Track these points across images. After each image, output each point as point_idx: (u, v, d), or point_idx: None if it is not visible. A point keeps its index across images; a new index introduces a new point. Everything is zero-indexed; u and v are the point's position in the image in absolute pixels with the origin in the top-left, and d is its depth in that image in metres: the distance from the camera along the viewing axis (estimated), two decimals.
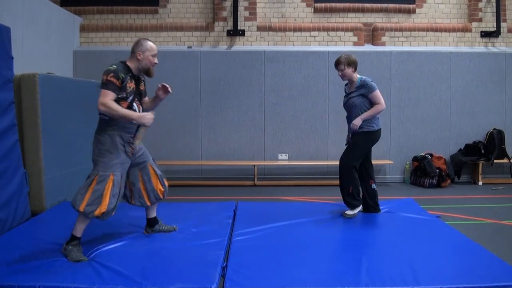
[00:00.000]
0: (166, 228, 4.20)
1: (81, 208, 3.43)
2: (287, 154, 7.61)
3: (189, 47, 7.70)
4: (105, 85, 3.45)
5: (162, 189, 4.03)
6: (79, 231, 3.56)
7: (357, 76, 4.68)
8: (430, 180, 7.15)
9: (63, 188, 5.71)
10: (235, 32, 7.59)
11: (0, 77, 4.54)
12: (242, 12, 7.67)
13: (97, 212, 3.46)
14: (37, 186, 5.21)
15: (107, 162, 3.53)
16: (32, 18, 6.02)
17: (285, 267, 3.34)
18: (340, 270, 3.25)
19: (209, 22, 7.78)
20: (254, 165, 7.33)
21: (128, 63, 3.70)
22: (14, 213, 4.57)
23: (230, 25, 7.66)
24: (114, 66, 3.54)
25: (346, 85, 4.86)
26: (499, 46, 7.84)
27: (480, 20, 7.85)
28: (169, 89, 3.86)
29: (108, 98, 3.43)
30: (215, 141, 7.57)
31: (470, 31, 7.86)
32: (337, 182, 7.34)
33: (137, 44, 3.70)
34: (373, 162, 7.32)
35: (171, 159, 7.51)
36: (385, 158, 7.63)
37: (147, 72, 3.78)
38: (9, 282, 2.99)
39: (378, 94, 4.59)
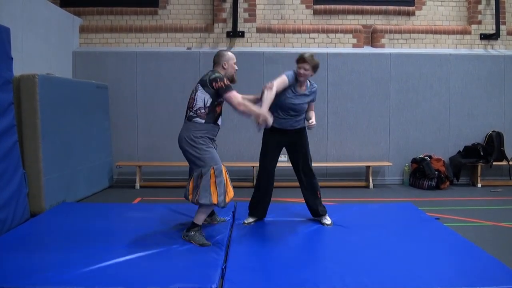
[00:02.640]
0: (219, 219, 4.62)
1: (215, 201, 3.75)
2: (286, 156, 7.57)
3: (189, 48, 7.70)
4: (229, 87, 3.86)
5: None
6: (200, 220, 3.92)
7: None
8: (429, 182, 7.15)
9: (62, 189, 5.71)
10: (235, 34, 7.60)
11: (0, 78, 4.54)
12: (242, 14, 7.67)
13: (227, 199, 3.83)
14: (36, 187, 5.22)
15: (213, 157, 3.87)
16: (32, 19, 6.02)
17: (284, 268, 3.35)
18: (340, 271, 3.25)
19: (208, 24, 7.79)
20: (253, 167, 7.33)
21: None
22: (13, 214, 4.57)
23: (229, 27, 7.66)
24: (219, 73, 3.93)
25: (292, 83, 4.40)
26: (498, 49, 7.86)
27: (480, 22, 7.86)
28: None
29: (239, 96, 3.88)
30: None
31: (470, 33, 7.87)
32: (337, 183, 7.45)
33: (220, 55, 4.06)
34: (372, 163, 7.47)
35: (171, 160, 7.50)
36: (384, 160, 7.64)
37: (232, 79, 4.09)
38: (8, 284, 2.99)
39: None
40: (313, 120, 4.45)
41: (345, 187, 7.32)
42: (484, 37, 7.82)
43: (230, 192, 3.87)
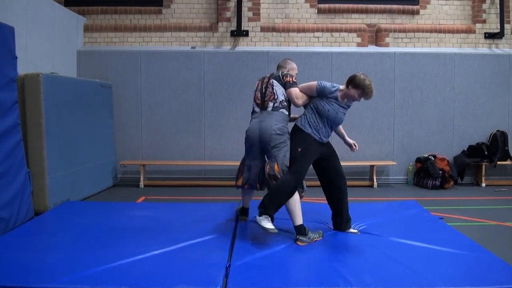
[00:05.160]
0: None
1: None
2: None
3: (193, 47, 7.71)
4: (294, 84, 4.16)
5: None
6: (301, 218, 3.96)
7: None
8: (433, 182, 7.14)
9: (67, 187, 5.73)
10: (239, 33, 7.60)
11: (4, 76, 4.55)
12: (246, 13, 7.67)
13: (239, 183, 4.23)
14: (40, 186, 5.24)
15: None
16: (36, 18, 6.04)
17: (287, 267, 3.35)
18: (342, 270, 3.25)
19: (212, 23, 7.79)
20: None
21: None
22: (17, 213, 4.58)
23: (233, 26, 7.67)
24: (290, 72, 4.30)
25: (337, 99, 4.18)
26: (502, 48, 7.82)
27: (484, 21, 7.83)
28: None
29: (299, 91, 4.14)
30: (218, 141, 7.57)
31: (474, 32, 7.84)
32: None
33: (286, 62, 4.45)
34: (377, 163, 7.45)
35: (174, 159, 7.52)
36: (388, 159, 7.62)
37: None
38: (12, 283, 2.99)
39: None
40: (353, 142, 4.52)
41: (349, 186, 7.22)
42: (489, 36, 7.79)
43: (239, 181, 4.24)
